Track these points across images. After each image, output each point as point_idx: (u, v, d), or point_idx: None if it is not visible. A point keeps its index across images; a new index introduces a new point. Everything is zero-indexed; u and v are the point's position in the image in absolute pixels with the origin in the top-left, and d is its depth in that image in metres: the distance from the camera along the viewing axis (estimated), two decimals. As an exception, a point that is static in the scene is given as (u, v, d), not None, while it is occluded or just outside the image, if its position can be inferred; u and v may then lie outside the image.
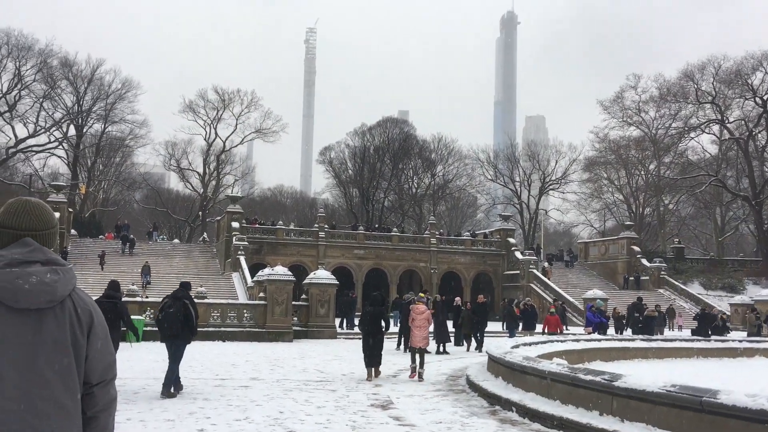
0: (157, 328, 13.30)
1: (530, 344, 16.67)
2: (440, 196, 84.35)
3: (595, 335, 24.75)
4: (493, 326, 38.37)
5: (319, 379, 15.32)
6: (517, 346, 15.38)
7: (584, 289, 49.56)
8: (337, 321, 32.72)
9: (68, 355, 2.59)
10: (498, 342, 16.95)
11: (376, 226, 67.00)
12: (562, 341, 19.13)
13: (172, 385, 12.30)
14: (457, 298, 29.66)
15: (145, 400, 11.67)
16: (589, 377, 9.76)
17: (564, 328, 28.66)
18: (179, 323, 12.43)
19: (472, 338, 25.71)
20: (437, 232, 59.33)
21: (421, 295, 22.82)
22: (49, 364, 2.54)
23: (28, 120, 69.74)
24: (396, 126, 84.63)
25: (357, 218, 75.40)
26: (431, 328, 19.35)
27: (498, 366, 13.74)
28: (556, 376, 10.68)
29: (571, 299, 47.21)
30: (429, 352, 20.75)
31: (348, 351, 22.84)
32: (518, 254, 56.59)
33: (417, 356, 16.04)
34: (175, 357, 12.49)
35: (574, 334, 25.10)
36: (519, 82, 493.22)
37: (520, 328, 28.47)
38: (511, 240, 59.72)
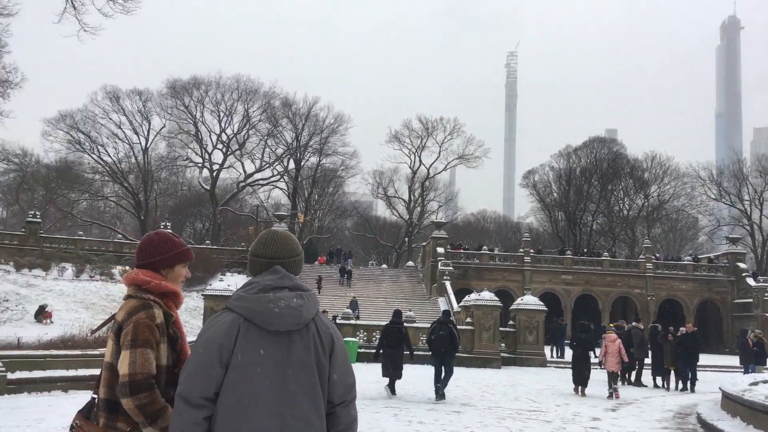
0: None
1: (772, 382, 14.77)
2: (655, 218, 78.77)
3: None
4: (722, 360, 34.85)
5: (532, 409, 14.85)
6: (755, 383, 13.72)
7: (835, 321, 43.17)
8: (547, 348, 31.73)
9: (314, 375, 2.74)
10: (732, 378, 15.29)
11: (585, 250, 64.24)
12: (811, 380, 16.71)
13: (443, 391, 15.59)
14: (671, 328, 27.12)
15: (365, 422, 12.09)
16: None
17: None
18: (447, 343, 15.62)
19: (680, 374, 21.62)
20: (653, 257, 55.37)
21: (611, 325, 24.07)
22: (298, 384, 2.70)
23: (255, 156, 77.40)
24: (603, 145, 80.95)
25: (564, 242, 72.97)
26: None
27: (735, 405, 12.33)
28: (811, 421, 9.30)
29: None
30: (636, 385, 19.71)
31: (560, 381, 22.00)
32: (750, 281, 50.91)
33: (611, 378, 18.39)
34: (447, 370, 15.65)
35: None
36: (744, 91, 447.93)
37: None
38: (742, 265, 53.93)
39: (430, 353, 16.43)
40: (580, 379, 18.06)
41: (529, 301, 31.86)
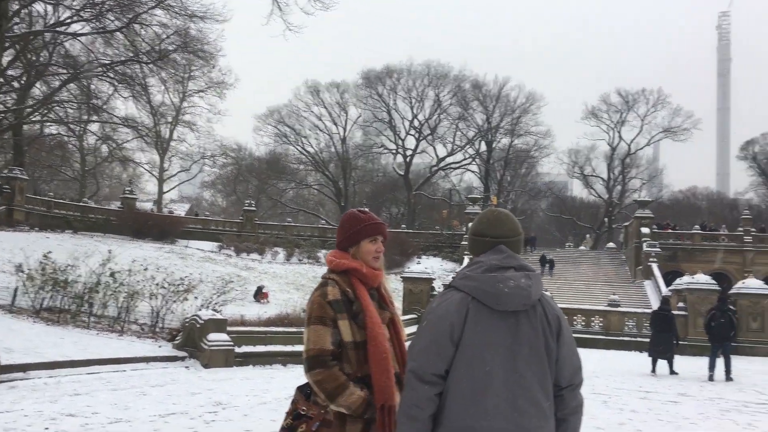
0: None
1: None
2: None
3: None
4: None
5: (761, 401, 13.41)
6: None
7: None
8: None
9: (542, 357, 2.68)
10: None
11: (818, 228, 56.74)
12: None
13: (730, 374, 16.66)
14: None
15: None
16: None
17: None
18: (728, 330, 16.58)
19: None
20: None
21: None
22: (526, 365, 2.64)
23: (447, 140, 78.35)
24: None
25: (791, 220, 65.11)
26: None
27: None
28: None
29: None
30: None
31: (793, 373, 19.70)
32: None
33: None
34: (727, 354, 16.69)
35: None
36: None
37: None
38: None
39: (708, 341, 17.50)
40: None
41: (752, 284, 28.89)
